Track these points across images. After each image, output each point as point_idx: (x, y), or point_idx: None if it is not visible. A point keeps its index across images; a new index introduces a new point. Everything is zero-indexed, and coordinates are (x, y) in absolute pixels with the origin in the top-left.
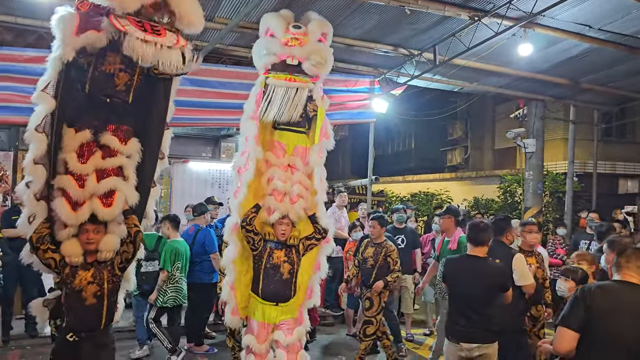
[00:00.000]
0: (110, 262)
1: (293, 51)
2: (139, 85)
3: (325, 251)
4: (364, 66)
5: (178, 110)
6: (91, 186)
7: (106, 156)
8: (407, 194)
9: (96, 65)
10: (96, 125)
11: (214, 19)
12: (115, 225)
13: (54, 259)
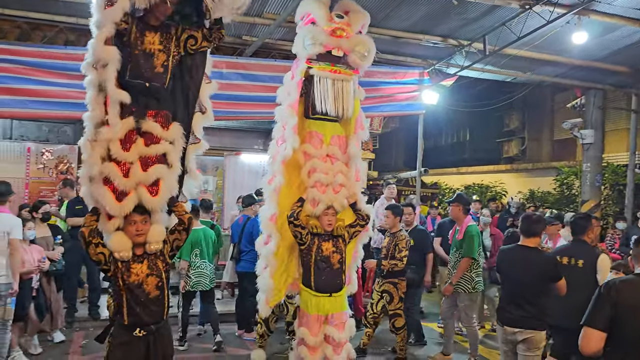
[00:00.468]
0: (160, 252)
1: (340, 42)
2: (175, 66)
3: (363, 239)
4: (413, 58)
5: (231, 104)
6: (137, 175)
7: (149, 143)
8: (461, 186)
9: (136, 44)
10: (136, 112)
11: (263, 15)
12: (160, 214)
13: (104, 253)
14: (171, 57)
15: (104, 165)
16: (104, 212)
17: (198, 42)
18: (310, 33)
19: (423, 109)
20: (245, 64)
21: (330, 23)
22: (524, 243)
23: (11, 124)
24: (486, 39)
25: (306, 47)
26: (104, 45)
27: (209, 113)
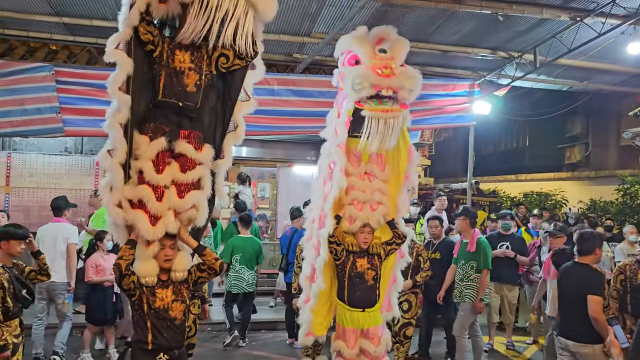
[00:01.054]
0: (186, 280)
1: (389, 82)
2: (208, 85)
3: (400, 265)
4: (463, 70)
5: (283, 120)
6: (173, 201)
7: (184, 167)
8: (519, 194)
9: (167, 63)
10: (169, 132)
11: (312, 34)
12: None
13: (134, 281)
14: (203, 76)
15: (138, 187)
16: (142, 239)
17: (230, 60)
18: (359, 76)
19: (473, 121)
20: (295, 80)
21: (375, 60)
22: (579, 260)
23: (82, 140)
24: (537, 51)
25: (356, 90)
26: (114, 49)
27: (240, 131)
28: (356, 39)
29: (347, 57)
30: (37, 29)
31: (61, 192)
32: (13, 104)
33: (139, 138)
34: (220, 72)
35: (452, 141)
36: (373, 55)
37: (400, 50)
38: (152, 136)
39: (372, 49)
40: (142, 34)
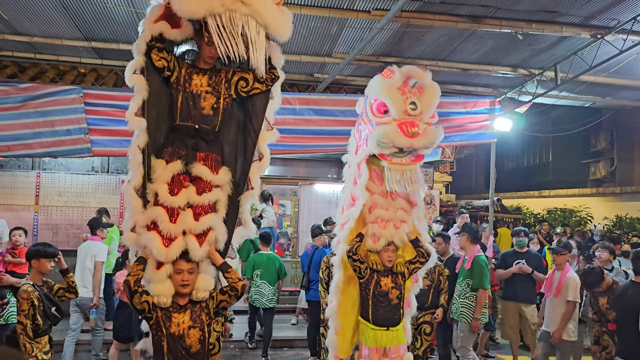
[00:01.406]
0: (206, 304)
1: (414, 143)
2: (226, 109)
3: (415, 290)
4: (483, 87)
5: (305, 139)
6: (188, 222)
7: (200, 189)
8: (543, 210)
9: (184, 87)
10: (186, 155)
11: (332, 55)
12: (208, 264)
13: (147, 302)
14: (221, 99)
15: (151, 209)
16: (153, 260)
17: (249, 83)
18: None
19: (494, 138)
20: (317, 99)
21: (404, 115)
22: (635, 279)
23: (108, 160)
24: (558, 68)
25: (380, 146)
26: (133, 74)
27: (265, 161)
28: (388, 89)
29: (376, 103)
30: (67, 54)
31: (88, 210)
32: (44, 126)
33: (156, 162)
34: (240, 96)
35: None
36: (403, 110)
37: (431, 103)
38: (169, 159)
39: (403, 103)
40: (156, 61)
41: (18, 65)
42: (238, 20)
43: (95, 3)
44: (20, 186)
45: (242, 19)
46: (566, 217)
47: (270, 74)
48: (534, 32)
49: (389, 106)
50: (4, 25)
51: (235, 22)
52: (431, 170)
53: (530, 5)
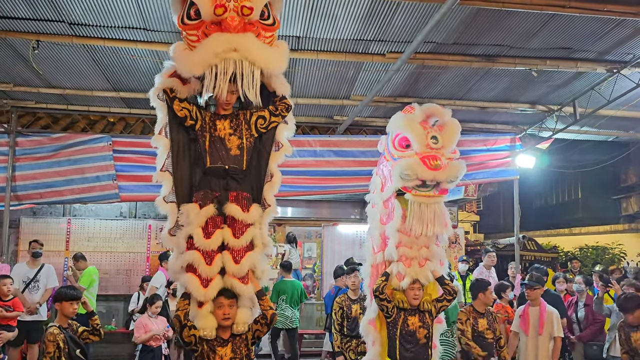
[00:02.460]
0: (245, 337)
1: (437, 176)
2: (250, 148)
3: (438, 331)
4: (502, 124)
5: (326, 180)
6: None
7: (236, 231)
8: (574, 248)
9: (210, 133)
10: (219, 197)
11: (351, 97)
12: (247, 299)
13: (194, 335)
14: (244, 139)
15: (187, 253)
16: (194, 300)
17: (267, 120)
18: (409, 168)
19: (517, 175)
20: (337, 141)
21: (426, 149)
22: None
23: (136, 205)
24: (576, 103)
25: (403, 178)
26: (156, 135)
27: (276, 179)
28: (410, 124)
29: (398, 138)
30: (97, 104)
31: (116, 255)
32: (74, 173)
33: (189, 206)
34: (261, 133)
35: (501, 196)
36: (425, 144)
37: (452, 138)
38: (202, 204)
39: (425, 137)
40: (178, 111)
41: (52, 117)
42: (231, 66)
43: (123, 56)
44: (52, 232)
45: (235, 64)
46: (599, 255)
47: (283, 104)
48: (549, 68)
49: (410, 140)
50: (40, 80)
51: (229, 68)
52: (455, 208)
53: (543, 43)
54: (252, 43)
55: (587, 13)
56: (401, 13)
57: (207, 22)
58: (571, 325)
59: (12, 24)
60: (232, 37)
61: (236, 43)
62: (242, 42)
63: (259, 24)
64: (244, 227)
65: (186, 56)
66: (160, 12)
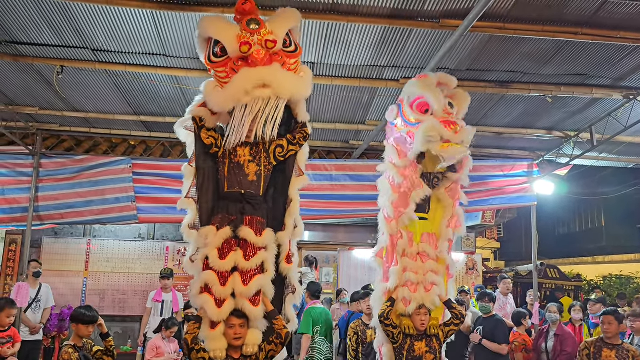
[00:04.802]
0: (255, 357)
1: (456, 138)
2: (268, 175)
3: None
4: (519, 150)
5: (342, 204)
6: (238, 288)
7: (247, 254)
8: (597, 277)
9: (230, 159)
10: (235, 220)
11: (366, 122)
12: (257, 321)
13: (204, 358)
14: (262, 167)
15: (204, 273)
16: (207, 320)
17: (285, 149)
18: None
19: (535, 201)
20: (352, 165)
21: (445, 114)
22: None
23: (154, 227)
24: (593, 129)
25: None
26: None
27: (295, 204)
28: (430, 88)
29: (417, 102)
30: (119, 127)
31: (133, 276)
32: (95, 195)
33: (208, 228)
34: (279, 161)
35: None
36: (444, 109)
37: (463, 106)
38: (219, 226)
39: (444, 102)
40: (204, 139)
41: (75, 139)
42: (261, 104)
43: (143, 81)
44: (71, 252)
45: (264, 102)
46: (623, 284)
47: (302, 133)
48: (564, 94)
49: (431, 104)
50: (64, 103)
51: (258, 106)
52: (473, 235)
53: (557, 69)
54: (279, 75)
55: (599, 40)
56: (414, 40)
57: (234, 58)
58: (539, 355)
59: (38, 50)
60: (260, 72)
61: (264, 78)
62: (270, 74)
63: (283, 53)
64: (256, 250)
65: (217, 94)
66: (179, 39)
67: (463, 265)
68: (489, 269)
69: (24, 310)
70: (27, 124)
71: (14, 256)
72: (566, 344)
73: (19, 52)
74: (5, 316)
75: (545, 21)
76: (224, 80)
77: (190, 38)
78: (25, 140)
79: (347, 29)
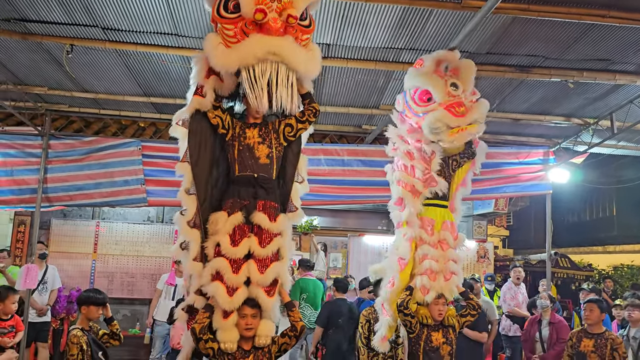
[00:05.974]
0: (268, 349)
1: (464, 121)
2: (279, 157)
3: None
4: (536, 137)
5: (353, 189)
6: (254, 276)
7: (262, 240)
8: (608, 267)
9: (240, 141)
10: (248, 205)
11: (380, 107)
12: (270, 311)
13: (213, 348)
14: (274, 148)
15: (215, 260)
16: (219, 309)
17: (294, 128)
18: (438, 121)
19: (550, 189)
20: (365, 150)
21: (448, 97)
22: None
23: (163, 210)
24: (613, 117)
25: (434, 133)
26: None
27: (305, 184)
28: (427, 76)
29: (417, 93)
30: (129, 109)
31: (142, 259)
32: (104, 177)
33: (219, 214)
34: (289, 141)
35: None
36: (446, 92)
37: (469, 78)
38: (230, 211)
39: (444, 85)
40: (211, 118)
41: (84, 121)
42: (268, 68)
43: (154, 61)
44: (80, 235)
45: (272, 67)
46: (634, 275)
47: (310, 110)
48: (586, 80)
49: (431, 92)
50: (73, 84)
51: (266, 71)
52: (485, 222)
53: (580, 54)
54: (291, 47)
55: (627, 23)
56: (433, 21)
57: (247, 20)
58: (533, 344)
59: (48, 29)
60: (272, 41)
61: (276, 46)
62: (282, 45)
63: (298, 27)
64: (271, 236)
65: (222, 53)
66: (191, 18)
67: (474, 253)
68: (499, 257)
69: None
70: (35, 104)
71: (23, 237)
72: (562, 331)
73: (28, 29)
74: (9, 303)
75: (572, 3)
76: (231, 40)
77: (203, 17)
78: (34, 121)
79: (365, 9)
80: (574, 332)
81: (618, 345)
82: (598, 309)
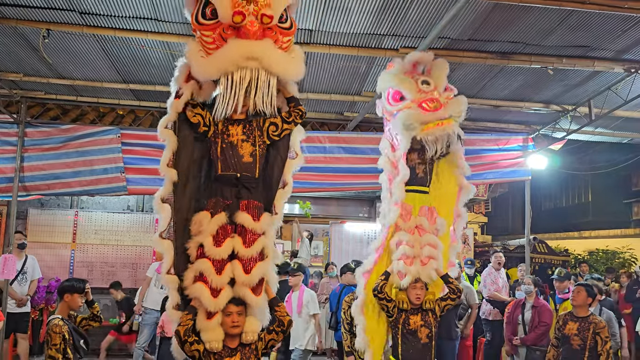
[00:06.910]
0: (255, 346)
1: (438, 115)
2: (263, 155)
3: None
4: (515, 124)
5: (335, 177)
6: (240, 277)
7: (246, 241)
8: (584, 252)
9: (222, 138)
10: (231, 205)
11: (362, 93)
12: (257, 310)
13: (198, 350)
14: (257, 146)
15: (198, 261)
16: (203, 310)
17: (279, 127)
18: (409, 118)
19: (529, 175)
20: (346, 137)
21: (419, 94)
22: None
23: (143, 198)
24: (591, 103)
25: (407, 128)
26: (163, 129)
27: (288, 189)
28: (396, 77)
29: (390, 94)
30: (107, 96)
31: (122, 248)
32: (83, 165)
33: (202, 215)
34: (273, 140)
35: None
36: (417, 90)
37: (441, 76)
38: (213, 212)
39: (414, 83)
40: (191, 117)
41: (61, 108)
42: (248, 74)
43: (133, 47)
44: (59, 224)
45: (252, 73)
46: (609, 259)
47: (297, 111)
48: (565, 67)
49: (401, 91)
50: (50, 70)
51: (245, 77)
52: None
53: (559, 40)
54: (270, 51)
55: (607, 10)
56: (416, 7)
57: (224, 25)
58: (515, 327)
59: (23, 12)
60: (251, 45)
61: (254, 51)
62: (261, 50)
63: (277, 29)
64: (255, 236)
65: (202, 61)
66: (172, 2)
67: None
68: (478, 243)
69: (9, 283)
70: (10, 91)
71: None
72: (544, 315)
73: (2, 13)
74: None
75: None
76: (210, 47)
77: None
78: (9, 108)
79: None
80: (561, 315)
81: (601, 330)
82: (585, 292)
